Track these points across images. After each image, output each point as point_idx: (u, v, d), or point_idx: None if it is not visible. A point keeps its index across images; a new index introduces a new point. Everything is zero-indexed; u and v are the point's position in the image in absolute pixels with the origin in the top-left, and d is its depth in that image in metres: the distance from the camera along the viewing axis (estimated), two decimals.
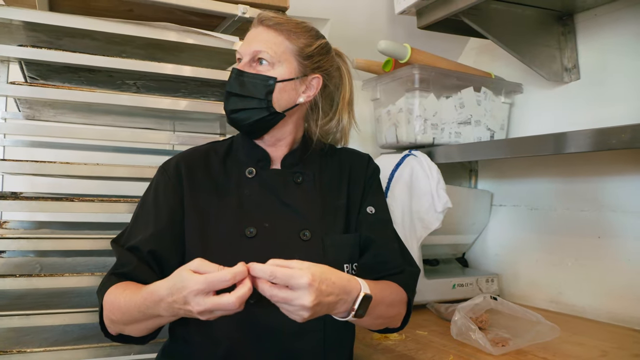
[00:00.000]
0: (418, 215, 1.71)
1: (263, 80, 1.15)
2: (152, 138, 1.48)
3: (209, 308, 0.87)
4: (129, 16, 1.46)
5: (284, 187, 1.19)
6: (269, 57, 1.15)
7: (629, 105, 1.64)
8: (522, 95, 2.02)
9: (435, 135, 1.84)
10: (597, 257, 1.73)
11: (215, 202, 1.16)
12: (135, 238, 1.12)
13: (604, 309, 1.70)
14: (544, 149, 1.50)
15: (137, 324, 1.02)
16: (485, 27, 1.74)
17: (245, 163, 1.21)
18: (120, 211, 1.34)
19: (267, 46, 1.15)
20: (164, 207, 1.15)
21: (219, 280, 0.86)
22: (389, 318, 1.17)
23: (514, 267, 2.01)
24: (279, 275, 0.88)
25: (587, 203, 1.77)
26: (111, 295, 1.05)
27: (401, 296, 1.18)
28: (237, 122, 1.17)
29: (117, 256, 1.12)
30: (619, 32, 1.72)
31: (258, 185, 1.18)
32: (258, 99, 1.15)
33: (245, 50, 1.17)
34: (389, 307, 1.14)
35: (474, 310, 1.49)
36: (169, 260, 1.11)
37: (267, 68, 1.15)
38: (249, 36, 1.19)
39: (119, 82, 1.51)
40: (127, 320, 1.02)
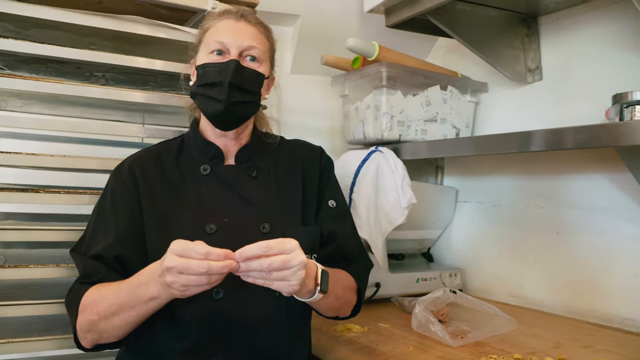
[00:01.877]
0: (383, 210, 1.75)
1: (260, 76, 1.18)
2: (121, 131, 1.48)
3: (178, 265, 0.89)
4: (97, 8, 1.45)
5: (240, 182, 1.20)
6: (259, 54, 1.18)
7: (589, 106, 1.69)
8: (488, 94, 2.07)
9: (401, 132, 1.88)
10: (556, 252, 1.78)
11: (173, 202, 1.17)
12: (98, 245, 1.11)
13: (560, 302, 1.76)
14: (506, 147, 1.55)
15: (123, 314, 1.01)
16: (451, 27, 1.77)
17: (199, 160, 1.22)
18: (86, 203, 1.34)
19: (257, 43, 1.18)
20: (122, 211, 1.14)
21: (194, 250, 0.90)
22: (343, 302, 1.21)
23: (476, 261, 2.07)
24: (272, 245, 0.94)
25: (547, 200, 1.82)
26: (92, 295, 1.05)
27: (352, 282, 1.23)
28: (232, 114, 1.17)
29: (81, 265, 1.12)
30: (580, 35, 1.77)
31: (214, 181, 1.20)
32: (255, 93, 1.18)
33: (232, 42, 1.16)
34: (344, 290, 1.19)
35: (435, 303, 1.53)
36: (134, 263, 1.10)
37: (257, 65, 1.18)
38: (231, 28, 1.18)
39: (87, 74, 1.51)
40: (115, 310, 1.01)
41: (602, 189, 1.66)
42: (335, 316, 1.26)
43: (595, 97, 1.66)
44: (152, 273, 0.97)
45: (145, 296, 0.98)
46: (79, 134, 1.58)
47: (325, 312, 1.22)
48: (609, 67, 1.68)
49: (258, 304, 1.14)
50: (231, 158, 1.24)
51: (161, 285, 0.95)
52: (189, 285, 0.92)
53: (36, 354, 1.36)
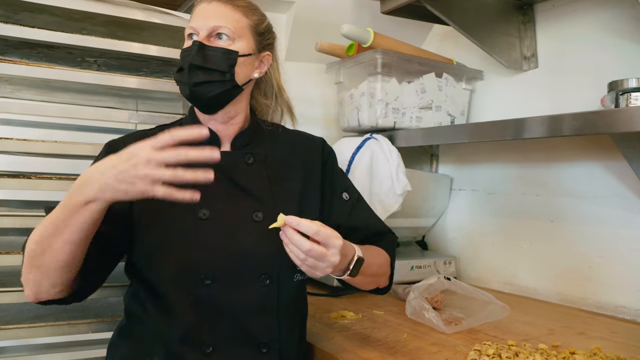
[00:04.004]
0: (378, 197, 1.74)
1: (227, 53, 1.15)
2: (114, 117, 1.46)
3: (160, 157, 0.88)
4: None
5: (235, 169, 1.19)
6: (229, 32, 1.15)
7: (585, 93, 1.69)
8: (483, 81, 2.06)
9: (396, 119, 1.87)
10: (550, 240, 1.79)
11: None
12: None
13: (554, 290, 1.76)
14: (501, 135, 1.55)
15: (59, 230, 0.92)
16: (447, 14, 1.77)
17: (194, 145, 1.21)
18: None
19: (226, 21, 1.15)
20: None
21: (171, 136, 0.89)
22: (379, 277, 1.25)
23: (471, 249, 2.07)
24: (322, 233, 0.98)
25: (542, 188, 1.82)
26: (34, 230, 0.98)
27: (386, 257, 1.27)
28: (199, 95, 1.15)
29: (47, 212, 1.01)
30: (576, 23, 1.76)
31: (209, 167, 1.19)
32: (221, 71, 1.14)
33: (202, 24, 1.15)
34: (379, 268, 1.23)
35: (429, 290, 1.53)
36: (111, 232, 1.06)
37: (227, 43, 1.15)
38: (202, 11, 1.17)
39: (79, 60, 1.49)
40: (51, 230, 0.93)
41: (597, 177, 1.66)
42: (375, 288, 1.29)
43: (591, 85, 1.66)
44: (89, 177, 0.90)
45: (79, 202, 0.90)
46: (70, 120, 1.56)
47: (362, 287, 1.24)
48: (604, 55, 1.67)
49: (248, 290, 1.13)
50: (227, 143, 1.23)
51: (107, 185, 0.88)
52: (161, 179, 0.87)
53: (29, 341, 1.35)
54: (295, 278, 1.20)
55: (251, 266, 1.14)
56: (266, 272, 1.15)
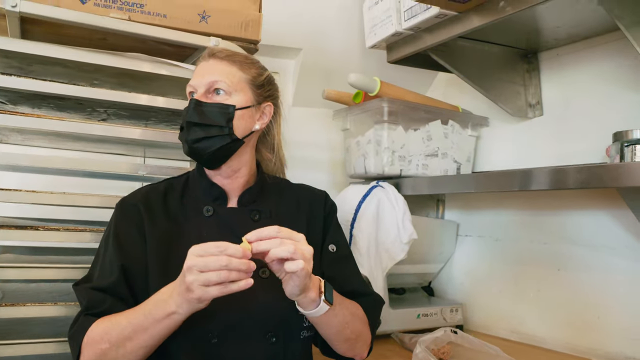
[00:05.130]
0: (384, 246, 1.74)
1: (223, 108, 1.17)
2: (122, 168, 1.48)
3: (198, 263, 0.92)
4: (102, 44, 1.47)
5: (242, 225, 1.18)
6: (225, 86, 1.17)
7: (590, 142, 1.70)
8: (489, 128, 2.07)
9: (402, 167, 1.88)
10: (557, 288, 1.77)
11: (176, 241, 1.16)
12: (103, 280, 1.10)
13: (562, 339, 1.74)
14: (508, 185, 1.55)
15: (137, 337, 1.00)
16: (452, 63, 1.79)
17: (202, 201, 1.22)
18: (87, 240, 1.34)
19: (222, 76, 1.17)
20: (128, 247, 1.14)
21: (212, 246, 0.93)
22: (354, 332, 1.18)
23: (478, 296, 2.05)
24: (284, 230, 1.00)
25: (549, 236, 1.81)
26: (102, 324, 1.04)
27: (361, 312, 1.22)
28: (199, 151, 1.17)
29: (85, 297, 1.09)
30: (579, 71, 1.78)
31: (216, 223, 1.19)
32: (219, 126, 1.16)
33: (199, 82, 1.18)
34: (353, 317, 1.18)
35: (435, 342, 1.51)
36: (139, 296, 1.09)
37: (224, 97, 1.17)
38: (200, 69, 1.20)
39: (89, 110, 1.52)
40: (129, 333, 1.00)
41: (604, 226, 1.65)
42: (351, 357, 1.23)
43: (596, 134, 1.66)
44: (170, 290, 0.99)
45: (163, 313, 0.98)
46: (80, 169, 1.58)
47: (337, 343, 1.19)
48: (609, 104, 1.68)
49: (255, 349, 1.13)
50: (234, 199, 1.24)
51: (180, 296, 0.96)
52: (209, 282, 0.92)
53: None
54: (302, 335, 1.19)
55: (258, 323, 1.13)
56: (273, 329, 1.14)
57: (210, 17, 1.47)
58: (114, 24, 1.35)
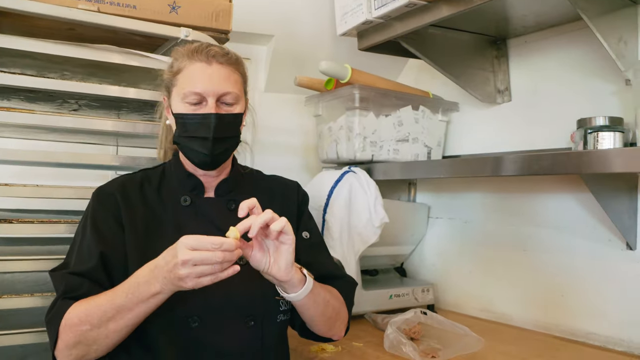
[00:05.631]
0: (356, 230, 1.78)
1: (237, 118, 1.21)
2: (94, 159, 1.49)
3: (194, 257, 0.94)
4: (70, 34, 1.46)
5: (218, 215, 1.22)
6: (235, 97, 1.19)
7: (556, 127, 1.75)
8: (459, 113, 2.11)
9: (374, 152, 1.91)
10: (524, 268, 1.84)
11: (153, 231, 1.18)
12: (81, 266, 1.11)
13: (529, 317, 1.81)
14: (477, 171, 1.61)
15: (120, 317, 1.02)
16: (422, 50, 1.81)
17: (179, 191, 1.24)
18: (60, 232, 1.35)
19: (232, 86, 1.19)
20: (104, 236, 1.15)
21: (207, 242, 0.95)
22: (334, 312, 1.23)
23: (448, 276, 2.11)
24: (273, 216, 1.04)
25: (516, 218, 1.87)
26: (81, 306, 1.04)
27: (337, 293, 1.26)
28: (218, 161, 1.21)
29: (63, 282, 1.09)
30: (547, 59, 1.82)
31: (193, 213, 1.22)
32: (235, 136, 1.22)
33: (209, 91, 1.16)
34: (333, 297, 1.23)
35: (406, 323, 1.57)
36: (117, 282, 1.09)
37: (235, 106, 1.20)
38: (205, 76, 1.17)
39: (60, 101, 1.51)
40: (111, 314, 1.02)
41: (568, 209, 1.71)
42: (330, 337, 1.28)
43: (562, 119, 1.71)
44: (151, 270, 1.00)
45: (147, 294, 1.00)
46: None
47: (319, 323, 1.23)
48: (574, 91, 1.73)
49: (234, 332, 1.16)
50: (211, 190, 1.26)
51: (166, 279, 0.98)
52: (203, 276, 0.96)
53: None
54: (278, 319, 1.23)
55: (236, 308, 1.17)
56: (251, 313, 1.18)
57: (180, 7, 1.47)
58: (82, 16, 1.35)
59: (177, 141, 1.22)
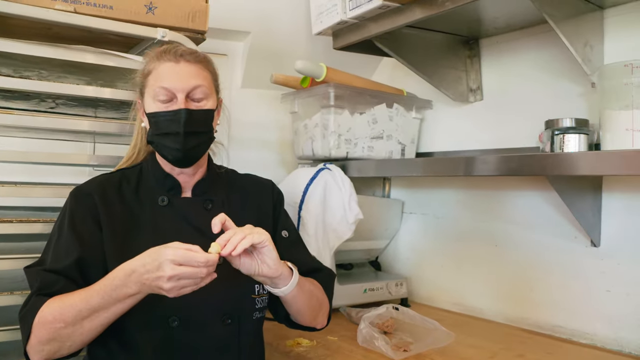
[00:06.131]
0: (331, 226, 1.81)
1: (209, 113, 1.22)
2: (70, 158, 1.49)
3: (179, 273, 0.98)
4: (47, 33, 1.46)
5: (196, 214, 1.25)
6: (204, 92, 1.21)
7: (524, 127, 1.80)
8: (432, 110, 2.15)
9: (348, 149, 1.94)
10: (494, 263, 1.89)
11: (132, 230, 1.20)
12: (58, 264, 1.12)
13: (498, 310, 1.87)
14: (450, 171, 1.65)
15: (96, 317, 1.04)
16: (396, 50, 1.85)
17: (157, 191, 1.26)
18: (39, 230, 1.36)
19: (201, 81, 1.21)
20: (83, 234, 1.16)
21: (193, 259, 0.99)
22: (318, 302, 1.29)
23: (422, 271, 2.16)
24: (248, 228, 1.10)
25: (487, 214, 1.93)
26: (54, 304, 1.05)
27: (318, 285, 1.32)
28: (191, 158, 1.23)
29: (38, 279, 1.11)
30: (517, 59, 1.87)
31: (170, 213, 1.24)
32: (207, 131, 1.23)
33: (178, 86, 1.19)
34: (316, 288, 1.29)
35: (379, 317, 1.61)
36: (94, 281, 1.11)
37: (204, 102, 1.22)
38: (173, 73, 1.20)
39: (37, 100, 1.52)
40: (86, 314, 1.03)
41: (536, 207, 1.77)
42: (314, 326, 1.34)
43: (531, 119, 1.76)
44: (128, 275, 1.02)
45: (124, 295, 1.03)
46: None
47: (305, 313, 1.28)
48: (543, 91, 1.78)
49: (211, 330, 1.20)
50: (188, 190, 1.29)
51: (145, 285, 1.01)
52: (185, 288, 1.00)
53: None
54: (254, 316, 1.27)
55: (214, 307, 1.20)
56: (228, 312, 1.21)
57: (156, 8, 1.48)
58: (59, 17, 1.36)
59: (150, 140, 1.24)
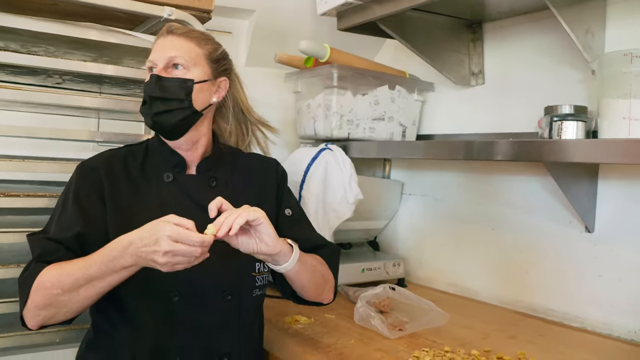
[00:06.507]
0: (331, 206, 1.84)
1: (183, 82, 1.23)
2: (75, 135, 1.51)
3: (175, 249, 1.01)
4: (53, 10, 1.48)
5: (200, 191, 1.27)
6: (183, 61, 1.23)
7: (525, 112, 1.81)
8: (434, 93, 2.16)
9: (350, 130, 1.96)
10: (491, 246, 1.92)
11: (136, 205, 1.23)
12: (60, 234, 1.15)
13: (493, 292, 1.91)
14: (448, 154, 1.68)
15: (92, 285, 1.07)
16: (400, 33, 1.86)
17: (162, 167, 1.29)
18: (45, 204, 1.39)
19: (181, 52, 1.23)
20: (87, 208, 1.19)
21: (189, 238, 1.01)
22: (323, 278, 1.32)
23: (420, 251, 2.20)
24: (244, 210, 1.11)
25: (485, 197, 1.95)
26: (53, 271, 1.08)
27: (322, 261, 1.34)
28: (161, 124, 1.24)
29: (39, 246, 1.14)
30: (520, 44, 1.88)
31: (175, 189, 1.26)
32: (179, 99, 1.23)
33: (158, 57, 1.23)
34: (320, 264, 1.32)
35: (376, 297, 1.65)
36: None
37: (183, 72, 1.23)
38: (159, 45, 1.25)
39: (44, 75, 1.54)
40: (83, 282, 1.06)
41: (533, 191, 1.79)
42: (320, 301, 1.37)
43: (531, 104, 1.78)
44: (125, 247, 1.05)
45: (119, 267, 1.06)
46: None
47: (310, 289, 1.31)
48: (543, 77, 1.79)
49: (211, 306, 1.24)
50: (193, 168, 1.31)
51: (140, 258, 1.04)
52: (178, 264, 1.03)
53: None
54: (254, 294, 1.30)
55: (214, 283, 1.24)
56: (228, 288, 1.25)
57: None
58: None
59: (140, 112, 1.28)
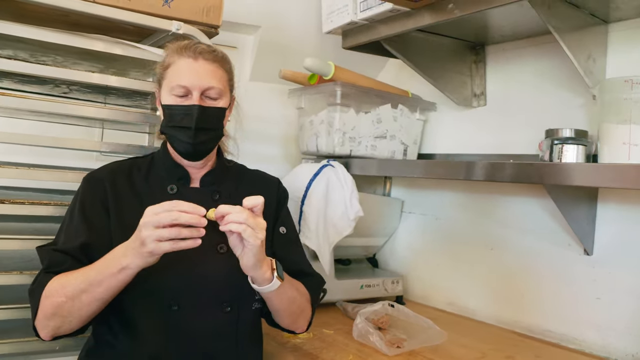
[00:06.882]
0: (332, 222, 1.85)
1: (221, 112, 1.27)
2: (79, 144, 1.53)
3: (151, 220, 1.03)
4: (65, 21, 1.49)
5: (203, 204, 1.27)
6: (219, 92, 1.26)
7: (525, 135, 1.83)
8: (436, 112, 2.19)
9: (352, 147, 1.98)
10: (489, 266, 1.93)
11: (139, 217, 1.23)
12: (67, 245, 1.18)
13: (491, 312, 1.91)
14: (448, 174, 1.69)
15: (92, 290, 1.09)
16: (404, 53, 1.88)
17: (166, 180, 1.31)
18: (49, 212, 1.40)
19: (214, 82, 1.26)
20: (92, 219, 1.22)
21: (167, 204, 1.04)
22: (299, 308, 1.32)
23: (418, 269, 2.21)
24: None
25: (484, 218, 1.97)
26: (59, 280, 1.11)
27: (304, 290, 1.35)
28: (200, 152, 1.28)
29: (47, 257, 1.17)
30: (521, 67, 1.90)
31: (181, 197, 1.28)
32: (217, 129, 1.28)
33: (194, 84, 1.23)
34: (299, 294, 1.31)
35: (375, 314, 1.65)
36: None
37: (217, 101, 1.27)
38: (191, 70, 1.24)
39: (52, 85, 1.55)
40: (84, 287, 1.08)
41: (532, 213, 1.81)
42: (293, 330, 1.37)
43: (531, 127, 1.80)
44: (122, 247, 1.08)
45: (116, 268, 1.07)
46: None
47: (283, 316, 1.32)
48: (545, 100, 1.81)
49: (210, 316, 1.24)
50: (197, 181, 1.33)
51: (134, 250, 1.05)
52: (162, 238, 1.03)
53: None
54: (253, 307, 1.31)
55: (214, 294, 1.25)
56: (227, 300, 1.26)
57: (172, 1, 1.52)
58: (78, 6, 1.39)
59: (163, 131, 1.29)
